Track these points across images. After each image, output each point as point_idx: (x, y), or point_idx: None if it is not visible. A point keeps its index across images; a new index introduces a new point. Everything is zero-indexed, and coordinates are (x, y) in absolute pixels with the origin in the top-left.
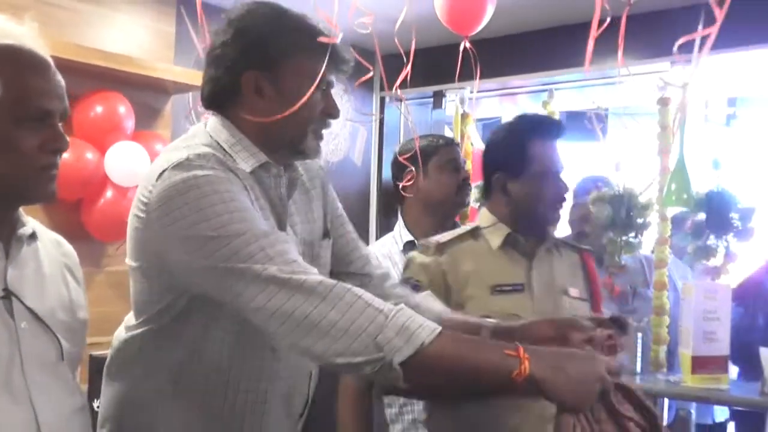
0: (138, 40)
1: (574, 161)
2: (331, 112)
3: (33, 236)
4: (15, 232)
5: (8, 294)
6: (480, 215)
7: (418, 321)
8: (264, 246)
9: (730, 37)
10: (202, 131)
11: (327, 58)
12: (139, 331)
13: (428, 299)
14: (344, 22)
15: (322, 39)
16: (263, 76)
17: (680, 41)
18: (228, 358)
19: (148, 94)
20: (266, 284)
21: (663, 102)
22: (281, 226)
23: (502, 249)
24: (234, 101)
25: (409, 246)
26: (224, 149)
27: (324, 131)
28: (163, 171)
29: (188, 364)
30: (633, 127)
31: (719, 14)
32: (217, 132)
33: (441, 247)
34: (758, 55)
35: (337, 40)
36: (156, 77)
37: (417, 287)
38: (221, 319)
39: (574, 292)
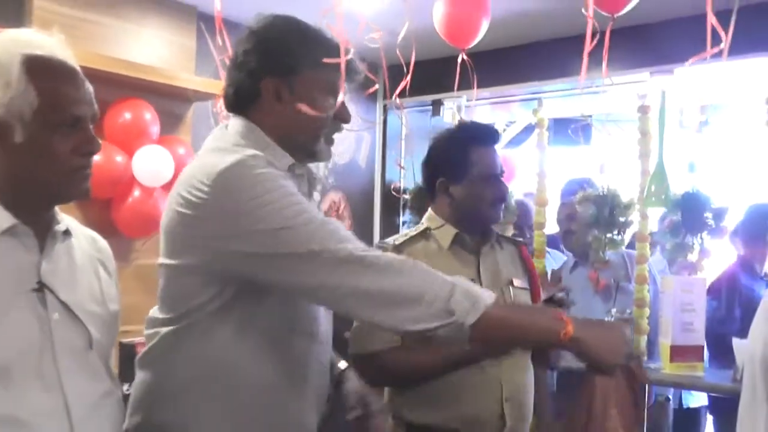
0: (162, 53)
1: (561, 164)
2: (344, 117)
3: (67, 233)
4: (50, 229)
5: (42, 287)
6: (426, 217)
7: (476, 287)
8: (333, 230)
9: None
10: (229, 134)
11: (342, 69)
12: (173, 327)
13: None
14: (352, 37)
15: (333, 59)
16: (282, 83)
17: (692, 60)
18: (268, 349)
19: (171, 102)
20: (342, 263)
21: (643, 110)
22: None
23: (451, 248)
24: (255, 105)
25: None
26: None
27: (335, 135)
28: (221, 171)
29: (226, 358)
30: (616, 133)
31: (725, 34)
32: (246, 135)
33: (398, 248)
34: (729, 66)
35: (350, 55)
36: (179, 86)
37: None
38: (263, 310)
39: (517, 282)
